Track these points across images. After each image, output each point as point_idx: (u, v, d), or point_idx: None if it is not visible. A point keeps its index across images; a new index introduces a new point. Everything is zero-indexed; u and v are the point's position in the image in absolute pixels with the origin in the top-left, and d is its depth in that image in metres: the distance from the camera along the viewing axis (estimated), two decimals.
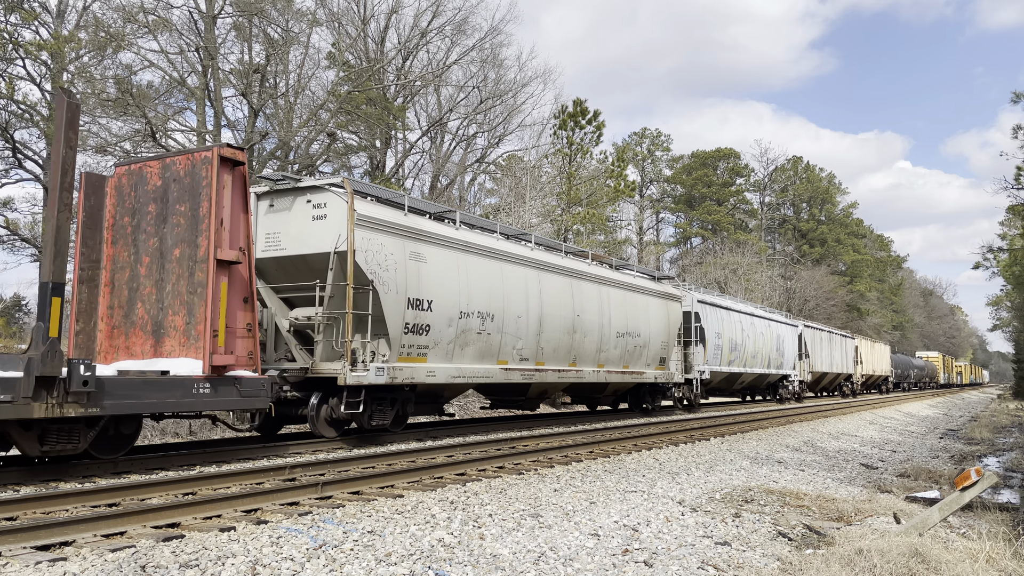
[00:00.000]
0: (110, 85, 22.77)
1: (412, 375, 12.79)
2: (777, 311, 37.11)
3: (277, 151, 25.13)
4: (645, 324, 20.50)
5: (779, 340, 32.40)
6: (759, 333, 29.93)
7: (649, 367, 20.93)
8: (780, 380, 33.32)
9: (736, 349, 27.30)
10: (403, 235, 12.86)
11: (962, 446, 19.54)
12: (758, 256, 61.32)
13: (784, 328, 33.82)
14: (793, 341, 34.52)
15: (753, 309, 30.93)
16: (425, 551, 5.81)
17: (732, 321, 27.33)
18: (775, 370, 31.85)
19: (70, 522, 5.79)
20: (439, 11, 29.47)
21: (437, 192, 31.72)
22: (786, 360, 33.37)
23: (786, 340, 33.46)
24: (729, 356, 26.70)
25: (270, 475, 8.65)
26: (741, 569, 5.88)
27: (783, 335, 33.18)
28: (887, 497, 9.52)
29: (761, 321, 30.76)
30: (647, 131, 72.66)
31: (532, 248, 16.60)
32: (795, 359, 34.55)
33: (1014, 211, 33.60)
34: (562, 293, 17.05)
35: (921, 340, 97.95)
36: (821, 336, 39.80)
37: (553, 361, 16.80)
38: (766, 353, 30.61)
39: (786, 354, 33.32)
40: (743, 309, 29.28)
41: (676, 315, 22.64)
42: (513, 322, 15.27)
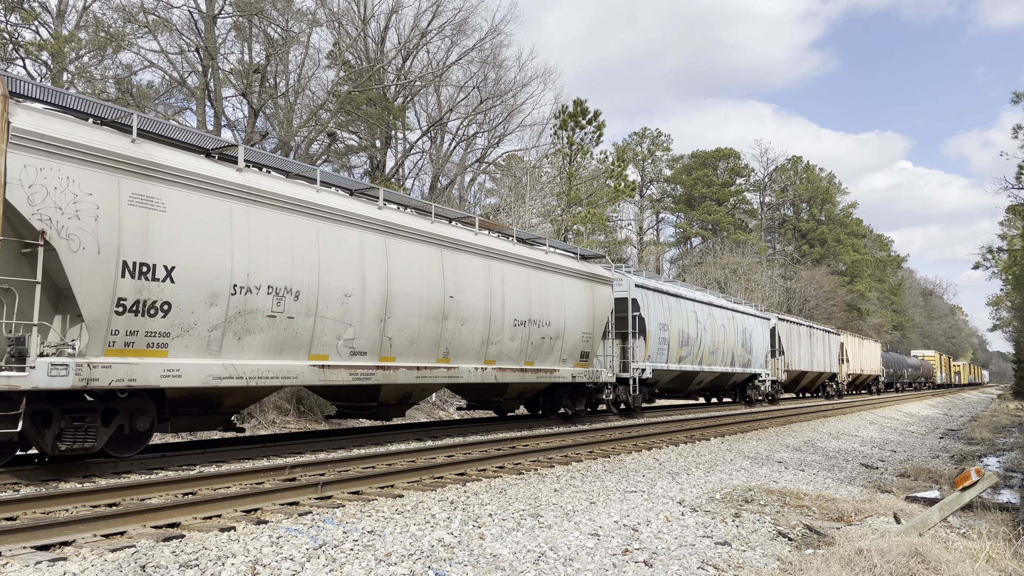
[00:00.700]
0: (110, 85, 22.77)
1: (133, 376, 8.86)
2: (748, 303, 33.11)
3: (277, 151, 25.11)
4: (559, 311, 16.83)
5: (746, 334, 28.50)
6: (719, 326, 26.20)
7: (565, 364, 17.29)
8: (749, 380, 29.59)
9: (689, 344, 23.72)
10: (120, 169, 8.89)
11: (962, 446, 19.54)
12: (758, 256, 61.31)
13: (753, 321, 29.61)
14: (764, 336, 30.58)
15: (712, 298, 26.92)
16: (425, 551, 5.81)
17: (683, 311, 23.66)
18: (742, 368, 28.10)
19: (70, 522, 5.79)
20: (439, 11, 29.46)
21: (437, 192, 31.72)
22: (756, 357, 29.51)
23: (755, 334, 29.55)
24: (679, 352, 23.18)
25: (270, 475, 8.64)
26: (741, 569, 5.88)
27: (751, 329, 29.25)
28: (887, 497, 9.52)
29: (722, 312, 26.87)
30: (647, 131, 72.67)
31: (380, 206, 12.72)
32: (766, 356, 30.79)
33: (1014, 211, 33.58)
34: (427, 267, 13.25)
35: (921, 340, 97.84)
36: (799, 331, 36.09)
37: (409, 356, 12.96)
38: (729, 349, 26.85)
39: (755, 350, 29.41)
40: (698, 297, 25.54)
41: (605, 302, 18.89)
42: (337, 303, 11.37)
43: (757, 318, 30.41)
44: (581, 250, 19.27)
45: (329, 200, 11.70)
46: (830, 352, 40.78)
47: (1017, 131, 26.66)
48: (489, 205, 38.96)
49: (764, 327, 30.96)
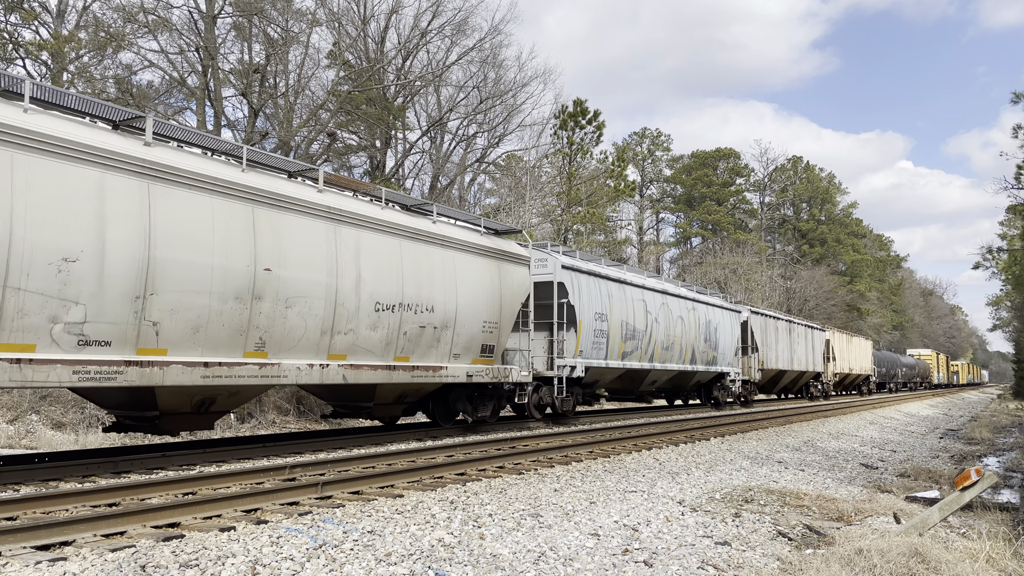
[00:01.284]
0: (110, 85, 22.78)
1: None
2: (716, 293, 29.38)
3: (277, 151, 25.11)
4: (447, 294, 13.55)
5: (709, 328, 25.21)
6: (675, 318, 22.86)
7: (458, 360, 14.05)
8: (716, 380, 26.54)
9: (636, 337, 20.32)
10: None
11: (962, 446, 19.54)
12: (758, 256, 61.33)
13: (719, 313, 26.30)
14: (733, 330, 27.33)
15: (667, 285, 23.58)
16: (425, 551, 5.81)
17: (627, 299, 20.17)
18: (705, 367, 24.89)
19: (70, 522, 5.79)
20: (439, 11, 29.46)
21: (437, 192, 31.72)
22: (723, 354, 26.30)
23: (722, 328, 26.30)
24: (622, 347, 19.70)
25: (270, 475, 8.65)
26: (741, 569, 5.88)
27: (717, 322, 25.96)
28: (887, 497, 9.52)
29: (680, 302, 23.45)
30: (647, 131, 72.68)
31: (148, 141, 9.40)
32: (736, 353, 27.53)
33: (1014, 211, 33.59)
34: (226, 228, 9.95)
35: (921, 340, 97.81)
36: (777, 326, 32.46)
37: (193, 348, 9.64)
38: (688, 344, 23.46)
39: (722, 346, 26.18)
40: (649, 284, 21.89)
41: (519, 285, 15.68)
42: (48, 270, 8.19)
43: (725, 310, 27.07)
44: (490, 223, 15.97)
45: (41, 123, 8.30)
46: (814, 349, 37.59)
47: (1017, 131, 26.65)
48: (489, 205, 38.98)
49: (733, 320, 27.73)
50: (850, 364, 44.52)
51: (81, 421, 15.00)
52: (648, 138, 71.94)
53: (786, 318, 34.76)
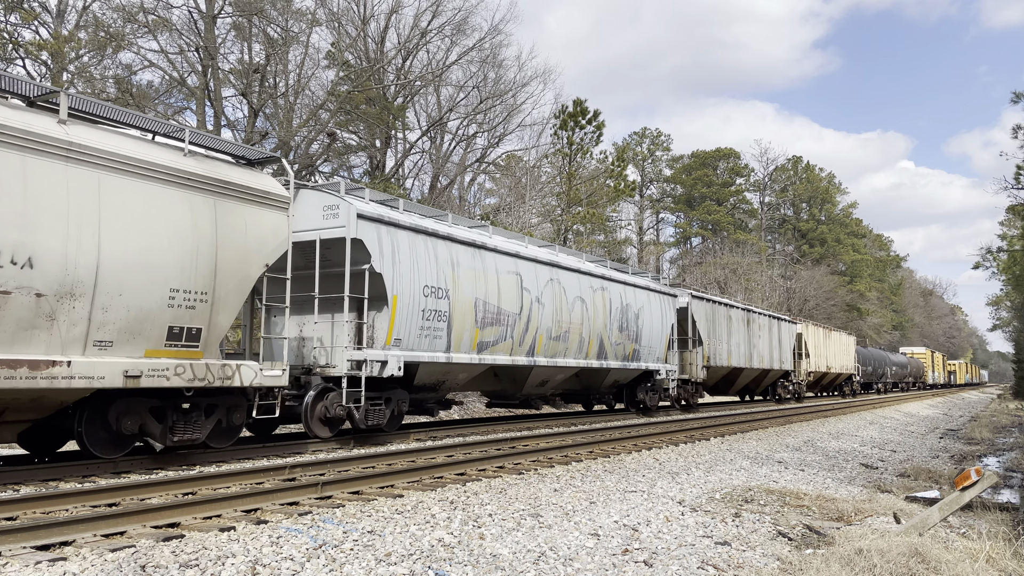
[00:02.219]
0: (110, 85, 22.80)
1: None
2: (644, 273, 23.72)
3: (277, 151, 25.12)
4: (76, 238, 8.50)
5: (628, 314, 20.09)
6: (572, 299, 17.56)
7: (108, 351, 8.85)
8: (641, 379, 21.69)
9: (502, 322, 15.17)
10: None
11: (962, 446, 19.55)
12: (758, 256, 61.37)
13: (643, 296, 21.17)
14: (665, 318, 22.39)
15: (557, 255, 17.84)
16: (425, 551, 5.81)
17: (485, 269, 14.88)
18: (622, 362, 19.94)
19: (70, 522, 5.79)
20: (439, 11, 29.49)
21: (437, 192, 31.73)
22: (649, 347, 21.26)
23: (648, 315, 21.27)
24: (477, 335, 14.58)
25: (270, 475, 8.65)
26: (741, 569, 5.88)
27: (640, 307, 20.86)
28: (887, 497, 9.52)
29: (579, 278, 18.03)
30: (647, 131, 72.76)
31: None
32: (670, 346, 22.72)
33: (1014, 211, 33.61)
34: None
35: (921, 340, 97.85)
36: (730, 315, 27.49)
37: None
38: (593, 333, 18.45)
39: (648, 337, 21.14)
40: (526, 252, 16.30)
41: (262, 236, 10.56)
42: None
43: (652, 292, 21.85)
44: (215, 140, 10.78)
45: None
46: (780, 344, 32.64)
47: (1017, 131, 26.69)
48: (489, 205, 39.00)
49: (666, 306, 22.60)
50: (828, 362, 39.77)
51: None
52: (648, 138, 72.01)
53: (742, 306, 29.49)
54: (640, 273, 22.96)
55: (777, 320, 32.92)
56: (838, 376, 42.35)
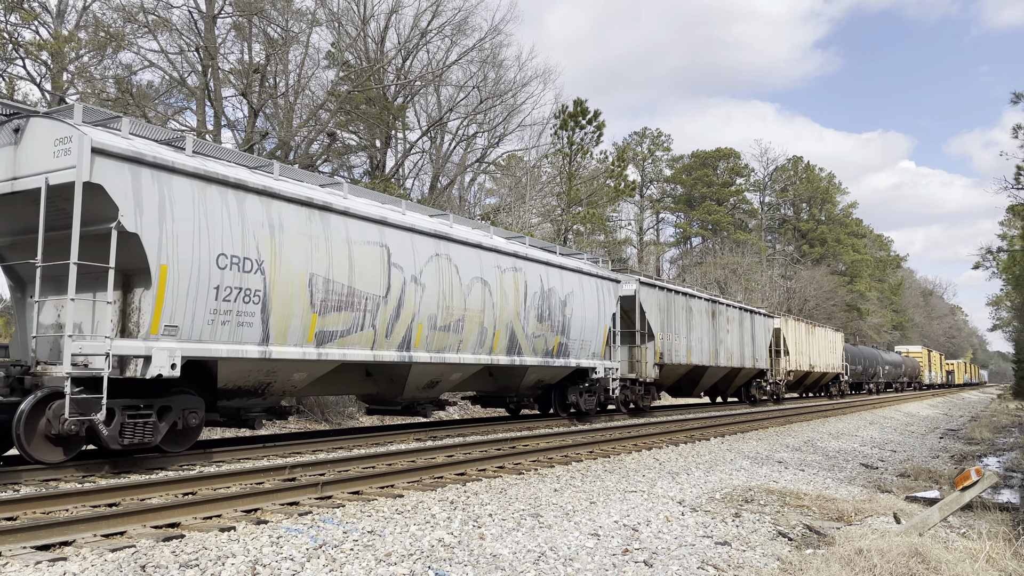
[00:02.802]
0: (110, 85, 22.80)
1: None
2: (575, 253, 19.70)
3: (277, 151, 25.13)
4: None
5: (551, 300, 16.72)
6: (470, 279, 14.29)
7: None
8: (572, 379, 18.29)
9: (355, 306, 11.81)
10: None
11: (962, 446, 19.54)
12: (758, 256, 61.37)
13: (573, 280, 17.74)
14: (604, 307, 18.92)
15: (443, 225, 14.23)
16: (425, 551, 5.81)
17: (330, 237, 11.47)
18: (543, 358, 16.50)
19: (70, 522, 5.79)
20: (439, 11, 29.47)
21: (437, 192, 31.73)
22: (580, 341, 17.83)
23: (581, 303, 17.83)
24: (315, 321, 11.18)
25: (270, 475, 8.65)
26: (741, 569, 5.88)
27: (569, 292, 17.45)
28: (887, 497, 9.52)
29: (481, 254, 14.72)
30: (647, 131, 72.76)
31: None
32: (608, 341, 19.20)
33: (1014, 211, 33.62)
34: None
35: (921, 340, 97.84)
36: (690, 306, 24.25)
37: None
38: (500, 323, 15.06)
39: (576, 329, 17.64)
40: (394, 218, 12.81)
41: None
42: None
43: (586, 276, 18.33)
44: None
45: None
46: (755, 340, 29.57)
47: (1017, 131, 26.68)
48: (489, 205, 39.00)
49: (605, 293, 19.04)
50: (811, 360, 36.72)
51: None
52: (648, 138, 72.01)
53: (707, 296, 26.25)
54: (574, 254, 19.35)
55: (750, 313, 29.60)
56: (823, 376, 39.34)
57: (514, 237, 17.08)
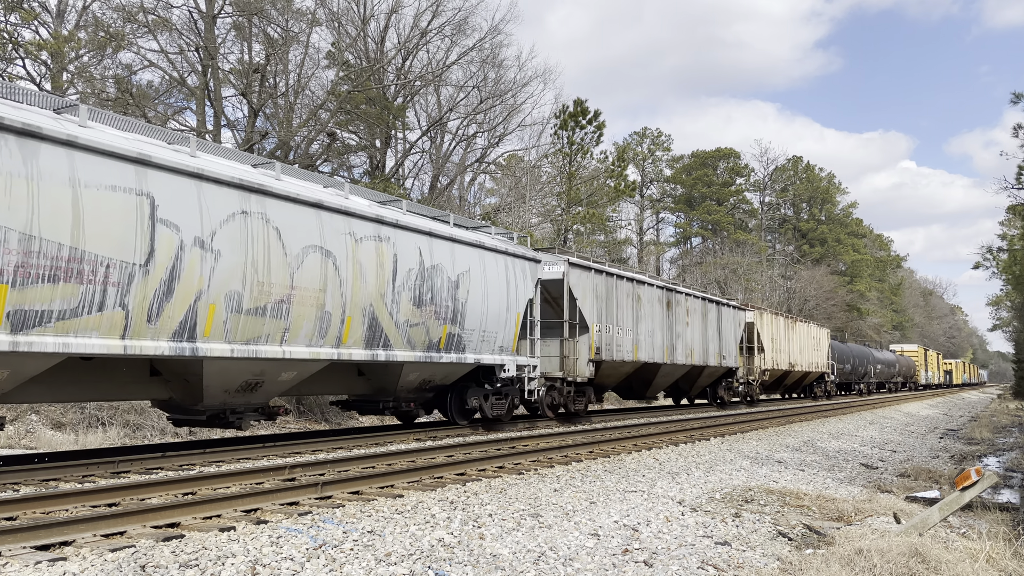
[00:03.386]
0: (110, 85, 22.80)
1: None
2: (482, 224, 16.61)
3: (277, 151, 25.12)
4: None
5: (430, 281, 13.44)
6: (301, 249, 10.99)
7: None
8: (474, 378, 15.35)
9: (84, 278, 8.46)
10: None
11: (962, 446, 19.54)
12: (758, 256, 61.38)
13: (465, 255, 14.41)
14: (514, 290, 15.60)
15: (267, 177, 10.90)
16: (425, 551, 5.81)
17: (27, 174, 7.97)
18: (422, 352, 13.39)
19: (70, 522, 5.79)
20: (439, 11, 29.47)
21: (437, 192, 31.73)
22: (482, 332, 14.76)
23: (476, 284, 14.52)
24: (16, 296, 7.88)
25: (270, 475, 8.65)
26: (741, 569, 5.88)
27: (457, 269, 14.10)
28: (887, 497, 9.52)
29: (316, 215, 11.33)
30: (647, 131, 72.72)
31: None
32: (522, 332, 16.17)
33: (1014, 211, 33.62)
34: None
35: (921, 340, 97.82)
36: (639, 293, 20.99)
37: None
38: (358, 305, 11.93)
39: (475, 317, 14.50)
40: (154, 157, 9.20)
41: None
42: None
43: (489, 252, 15.03)
44: None
45: None
46: (722, 335, 26.57)
47: (1017, 131, 26.64)
48: (489, 205, 39.00)
49: (516, 274, 15.76)
50: (791, 358, 33.63)
51: (81, 421, 15.00)
52: (648, 138, 71.98)
53: (661, 283, 23.02)
54: (479, 227, 16.10)
55: (716, 304, 26.49)
56: (806, 375, 36.47)
57: (390, 201, 13.73)
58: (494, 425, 15.91)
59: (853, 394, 46.31)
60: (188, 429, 15.15)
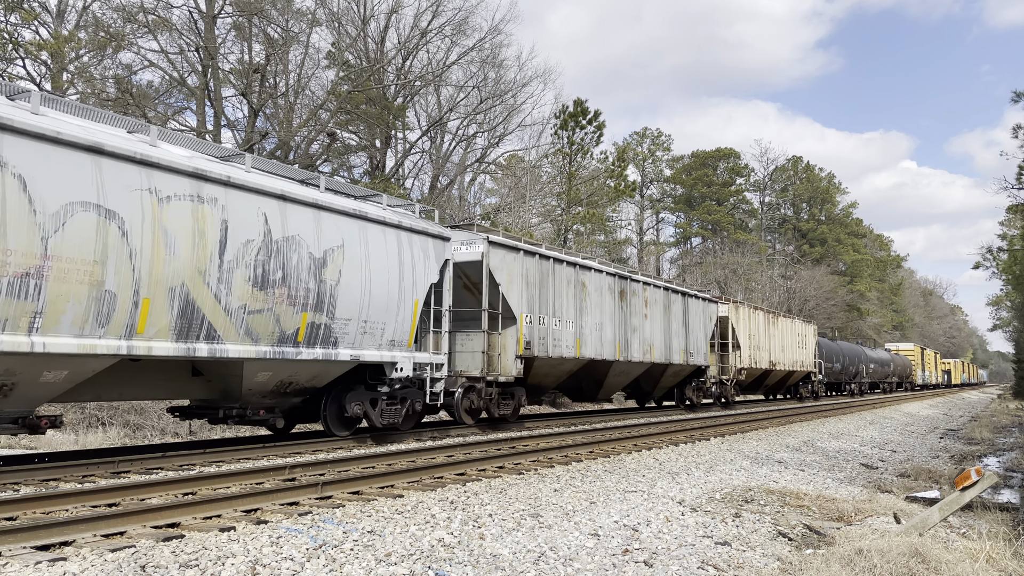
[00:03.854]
0: (110, 85, 22.81)
1: None
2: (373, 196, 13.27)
3: (277, 151, 25.12)
4: None
5: (280, 256, 10.70)
6: (63, 203, 8.24)
7: None
8: (362, 378, 12.81)
9: None
10: None
11: (962, 446, 19.54)
12: (758, 256, 61.39)
13: (335, 224, 11.64)
14: (409, 271, 13.01)
15: None
16: (425, 551, 5.81)
17: None
18: (270, 347, 10.60)
19: (70, 522, 5.79)
20: (439, 11, 29.49)
21: (437, 192, 31.74)
22: (363, 323, 12.13)
23: (353, 262, 11.86)
24: None
25: (270, 475, 8.65)
26: (741, 569, 5.88)
27: (325, 244, 11.42)
28: (887, 497, 9.52)
29: (98, 165, 8.60)
30: (648, 131, 72.74)
31: None
32: (422, 323, 13.68)
33: (1014, 211, 33.63)
34: None
35: (921, 340, 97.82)
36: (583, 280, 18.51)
37: None
38: (168, 281, 9.30)
39: (352, 305, 11.84)
40: None
41: None
42: None
43: (374, 224, 12.34)
44: None
45: None
46: (689, 330, 24.04)
47: (1017, 131, 26.62)
48: (489, 205, 39.01)
49: (414, 252, 13.16)
50: (772, 356, 30.99)
51: (81, 421, 15.01)
52: (648, 138, 71.99)
53: (611, 269, 20.30)
54: (369, 195, 13.21)
55: (682, 295, 23.91)
56: (790, 375, 34.00)
57: (232, 156, 10.90)
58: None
59: (844, 395, 44.18)
60: (188, 428, 15.15)
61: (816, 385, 37.46)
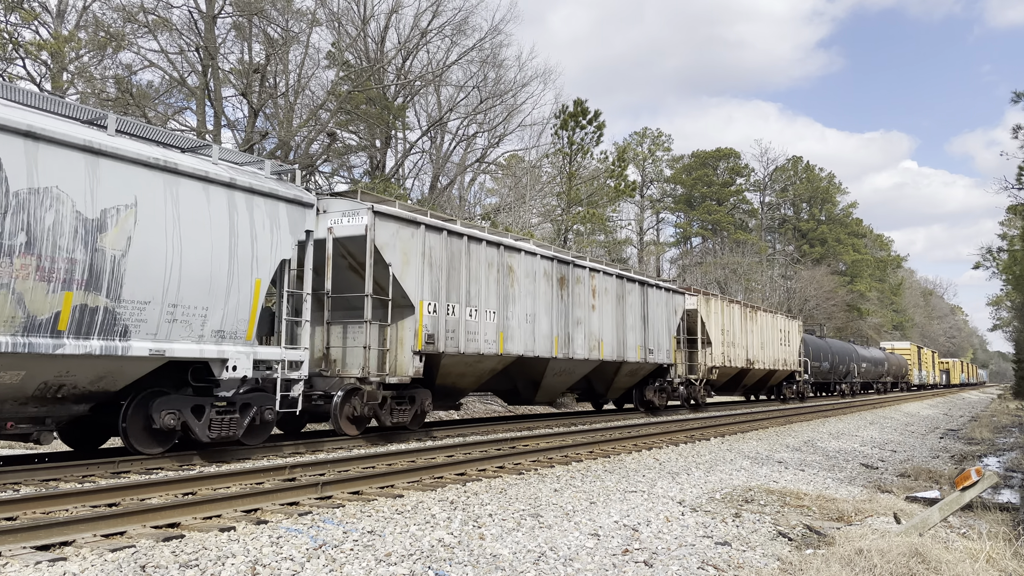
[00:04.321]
0: (110, 85, 22.82)
1: None
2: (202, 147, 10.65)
3: (277, 151, 25.12)
4: None
5: (32, 213, 8.08)
6: None
7: None
8: (173, 381, 10.07)
9: None
10: None
11: (962, 446, 19.54)
12: (758, 256, 61.39)
13: (137, 178, 9.13)
14: (249, 245, 10.44)
15: None
16: (425, 551, 5.81)
17: None
18: (6, 338, 7.86)
19: (70, 522, 5.79)
20: (439, 11, 29.48)
21: (437, 192, 31.74)
22: (172, 309, 9.50)
23: (155, 226, 9.29)
24: None
25: (270, 475, 8.65)
26: (741, 569, 5.88)
27: (100, 199, 8.74)
28: (887, 497, 9.52)
29: None
30: (648, 131, 72.75)
31: None
32: (258, 311, 10.60)
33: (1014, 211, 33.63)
34: None
35: (921, 340, 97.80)
36: (512, 264, 15.90)
37: None
38: None
39: (151, 285, 9.24)
40: None
41: None
42: None
43: (190, 180, 9.79)
44: None
45: None
46: (648, 323, 21.43)
47: (1017, 131, 26.62)
48: (489, 205, 39.02)
49: (256, 218, 10.62)
50: (750, 353, 28.49)
51: None
52: (649, 138, 72.00)
53: (547, 252, 17.24)
54: (198, 146, 10.79)
55: (640, 285, 21.22)
56: (771, 374, 31.28)
57: None
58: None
59: (835, 395, 41.39)
60: None
61: (801, 385, 34.76)
